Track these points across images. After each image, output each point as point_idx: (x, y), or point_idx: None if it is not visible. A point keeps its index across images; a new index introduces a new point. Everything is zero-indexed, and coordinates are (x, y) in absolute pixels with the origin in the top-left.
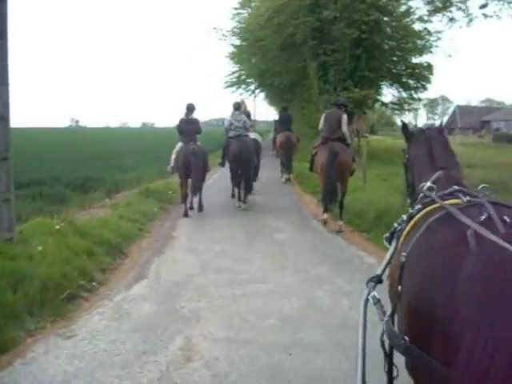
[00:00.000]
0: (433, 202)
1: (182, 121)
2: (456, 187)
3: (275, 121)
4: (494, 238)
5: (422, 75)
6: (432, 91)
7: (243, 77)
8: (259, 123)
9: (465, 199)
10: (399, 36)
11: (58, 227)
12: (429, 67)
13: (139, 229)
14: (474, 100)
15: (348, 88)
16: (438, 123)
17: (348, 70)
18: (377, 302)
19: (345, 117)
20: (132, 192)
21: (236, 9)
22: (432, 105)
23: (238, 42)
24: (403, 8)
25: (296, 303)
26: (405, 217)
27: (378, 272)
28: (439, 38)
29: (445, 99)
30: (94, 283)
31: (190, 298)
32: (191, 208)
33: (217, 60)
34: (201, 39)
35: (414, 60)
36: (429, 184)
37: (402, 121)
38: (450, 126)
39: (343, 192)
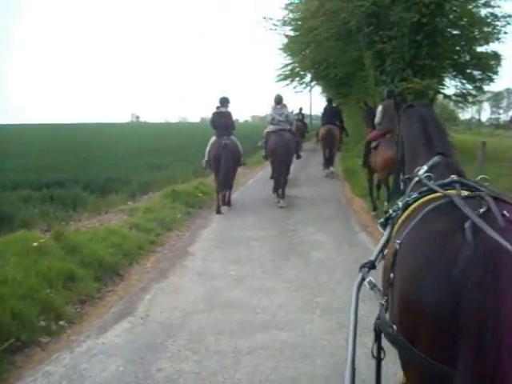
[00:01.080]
0: (430, 191)
1: (214, 114)
2: (455, 177)
3: (321, 114)
4: (491, 231)
5: (488, 65)
6: (498, 83)
7: (297, 69)
8: (315, 118)
9: (464, 191)
10: (463, 23)
11: (35, 244)
12: (496, 56)
13: (151, 241)
14: None
15: (407, 78)
16: (505, 117)
17: (407, 59)
18: (373, 286)
19: None
20: (159, 194)
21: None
22: (496, 98)
23: (289, 33)
24: None
25: (322, 366)
26: (400, 204)
27: (372, 258)
28: (509, 23)
29: (511, 92)
30: (62, 322)
31: (175, 353)
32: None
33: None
34: (252, 30)
35: (480, 49)
36: (425, 168)
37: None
38: None
39: None
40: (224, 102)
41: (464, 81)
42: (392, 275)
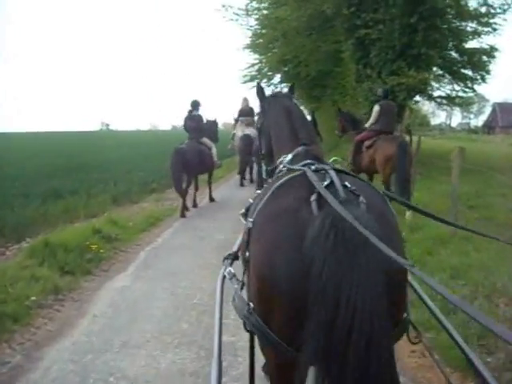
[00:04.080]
0: (287, 172)
1: (186, 118)
2: (309, 160)
3: None
4: (335, 203)
5: (480, 63)
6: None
7: (264, 69)
8: None
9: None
10: (451, 16)
11: None
12: (490, 52)
13: None
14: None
15: (397, 71)
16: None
17: (398, 47)
18: (232, 276)
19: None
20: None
21: None
22: (466, 103)
23: (253, 23)
24: None
25: None
26: (259, 191)
27: (234, 249)
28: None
29: (480, 97)
30: None
31: None
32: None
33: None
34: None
35: (470, 44)
36: (289, 157)
37: (257, 83)
38: (490, 125)
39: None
40: (195, 105)
41: (452, 80)
42: (247, 254)
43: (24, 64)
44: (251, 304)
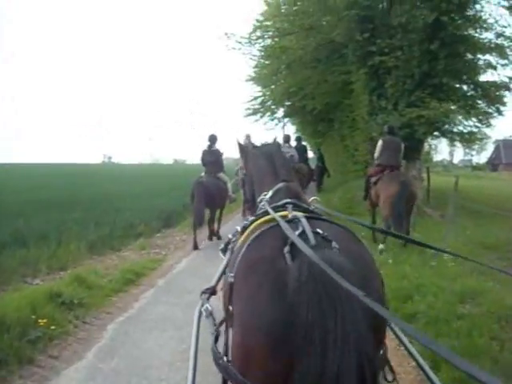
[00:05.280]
0: (265, 213)
1: (204, 152)
2: (288, 200)
3: None
4: (309, 251)
5: (495, 96)
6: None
7: (268, 102)
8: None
9: (291, 211)
10: (462, 50)
11: None
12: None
13: None
14: None
15: (416, 103)
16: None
17: (417, 76)
18: (209, 314)
19: (403, 146)
20: None
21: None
22: (480, 139)
23: (257, 53)
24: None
25: None
26: (239, 228)
27: (212, 283)
28: None
29: (482, 133)
30: None
31: None
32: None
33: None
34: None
35: (483, 77)
36: (270, 194)
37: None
38: (493, 162)
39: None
40: (213, 139)
41: (467, 115)
42: (231, 308)
43: (26, 97)
44: (229, 357)
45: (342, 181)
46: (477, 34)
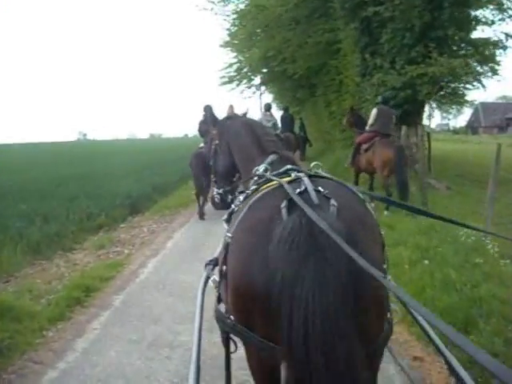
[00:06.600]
0: (267, 181)
1: (200, 123)
2: (289, 166)
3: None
4: (305, 206)
5: (489, 56)
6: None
7: (244, 69)
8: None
9: (293, 175)
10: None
11: None
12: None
13: None
14: (490, 97)
15: (418, 59)
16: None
17: (417, 28)
18: (217, 285)
19: (394, 117)
20: None
21: None
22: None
23: (231, 14)
24: None
25: None
26: (241, 197)
27: (216, 255)
28: None
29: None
30: None
31: None
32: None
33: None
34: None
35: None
36: (264, 166)
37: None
38: (472, 125)
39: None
40: (208, 109)
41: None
42: (224, 267)
43: None
44: (231, 317)
45: (326, 149)
46: None
